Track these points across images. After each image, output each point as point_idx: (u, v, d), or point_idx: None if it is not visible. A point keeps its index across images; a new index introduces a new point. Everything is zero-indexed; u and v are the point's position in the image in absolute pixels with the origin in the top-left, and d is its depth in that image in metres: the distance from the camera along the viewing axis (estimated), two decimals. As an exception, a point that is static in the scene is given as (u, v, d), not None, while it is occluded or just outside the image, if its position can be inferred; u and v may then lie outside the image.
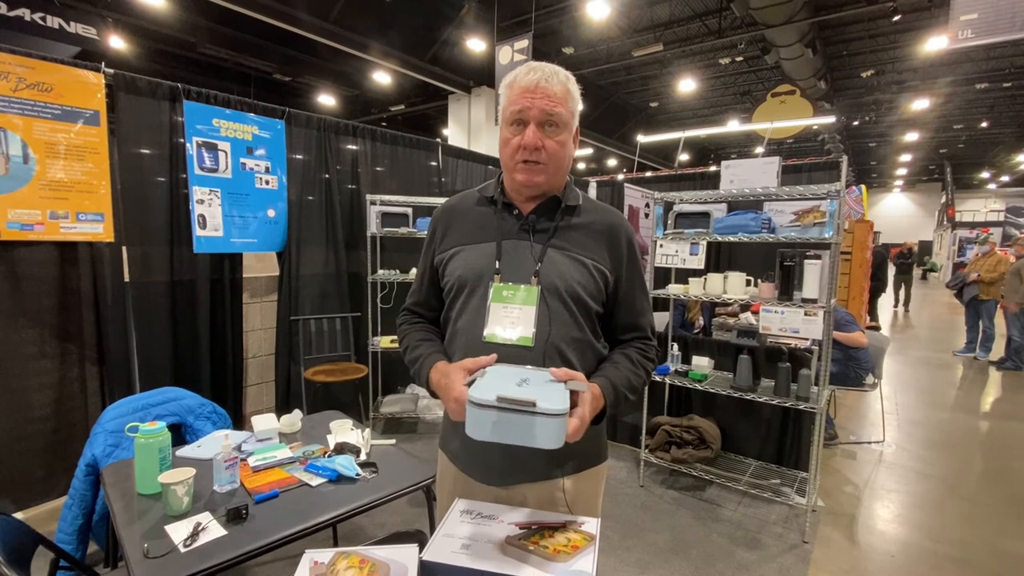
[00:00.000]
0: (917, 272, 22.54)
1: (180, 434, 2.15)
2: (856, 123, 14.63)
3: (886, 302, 11.33)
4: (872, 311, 7.07)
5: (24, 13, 5.44)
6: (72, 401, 2.59)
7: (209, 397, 2.94)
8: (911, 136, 16.16)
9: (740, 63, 10.80)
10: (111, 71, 2.53)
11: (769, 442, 3.00)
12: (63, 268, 2.51)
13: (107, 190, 2.55)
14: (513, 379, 0.83)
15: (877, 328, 6.22)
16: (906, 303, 11.40)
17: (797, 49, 8.54)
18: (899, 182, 27.55)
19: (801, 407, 2.50)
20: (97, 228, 2.53)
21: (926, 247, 24.57)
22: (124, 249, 2.68)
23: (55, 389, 2.53)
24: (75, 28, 5.89)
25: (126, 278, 2.70)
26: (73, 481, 1.96)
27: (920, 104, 12.00)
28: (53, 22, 5.69)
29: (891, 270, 10.72)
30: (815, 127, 12.97)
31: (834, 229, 2.34)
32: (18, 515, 2.43)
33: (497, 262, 0.99)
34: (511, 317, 0.96)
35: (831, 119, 10.97)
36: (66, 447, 2.53)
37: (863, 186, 6.56)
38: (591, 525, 0.91)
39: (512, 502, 0.99)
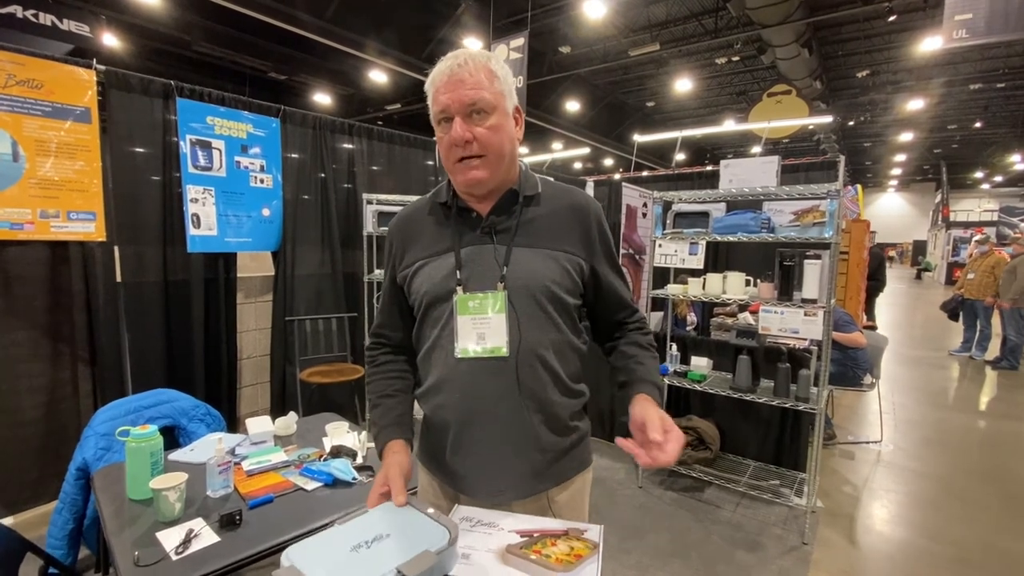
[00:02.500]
0: (910, 272, 22.67)
1: (173, 436, 2.12)
2: (852, 123, 14.70)
3: (883, 301, 11.32)
4: (870, 311, 7.07)
5: (16, 10, 5.36)
6: (64, 403, 2.55)
7: (203, 398, 2.89)
8: (906, 136, 16.23)
9: (736, 63, 10.82)
10: (103, 68, 2.49)
11: (768, 443, 2.99)
12: (54, 268, 2.47)
13: (99, 189, 2.51)
14: (366, 535, 0.78)
15: (874, 328, 6.23)
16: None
17: (793, 49, 8.56)
18: (894, 182, 27.72)
19: (801, 408, 2.49)
20: (89, 227, 2.49)
21: (920, 247, 24.72)
22: (116, 249, 2.64)
23: (46, 391, 2.49)
24: (68, 25, 5.81)
25: (118, 278, 2.65)
26: (63, 485, 1.92)
27: (915, 104, 12.04)
28: (45, 19, 5.61)
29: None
30: (811, 127, 13.01)
31: (834, 229, 2.33)
32: (9, 519, 2.39)
33: (458, 272, 0.94)
34: (481, 328, 0.92)
35: (827, 119, 10.99)
36: (58, 450, 2.48)
37: (859, 186, 6.58)
38: (593, 532, 0.89)
39: None
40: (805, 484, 2.67)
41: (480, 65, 0.88)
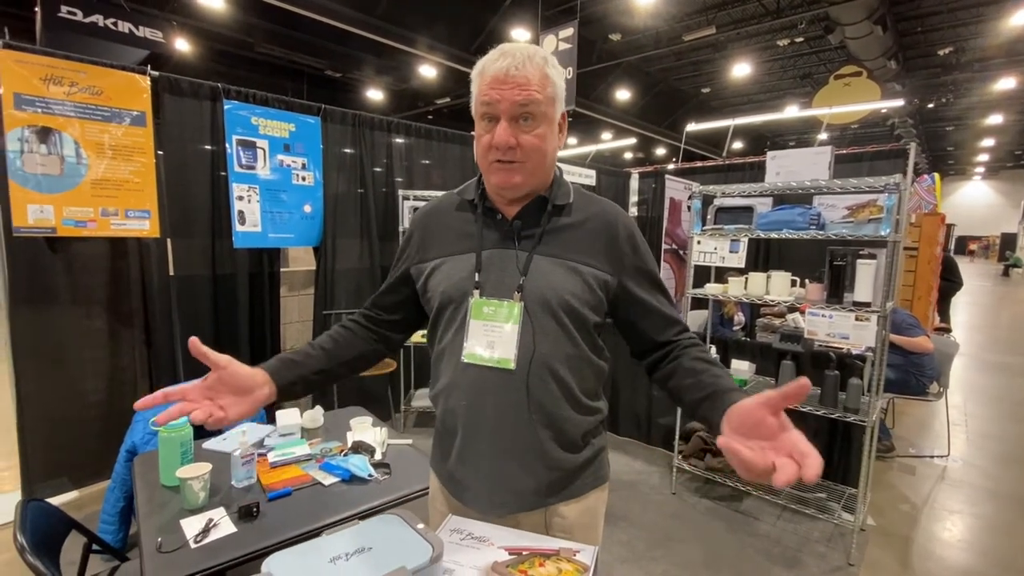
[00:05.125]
0: (996, 268, 20.70)
1: (215, 423, 2.23)
2: (931, 105, 13.47)
3: (962, 300, 10.40)
4: (944, 312, 6.49)
5: (98, 19, 5.79)
6: (123, 387, 2.75)
7: (248, 387, 3.05)
8: (994, 119, 14.78)
9: (800, 44, 10.17)
10: (156, 73, 2.63)
11: (815, 453, 2.80)
12: (114, 262, 2.66)
13: (153, 188, 2.66)
14: (348, 547, 0.76)
15: (947, 331, 5.72)
16: None
17: (865, 27, 7.93)
18: (979, 169, 25.37)
19: (850, 419, 2.32)
20: (144, 224, 2.65)
21: (1009, 240, 22.56)
22: (169, 244, 2.80)
23: (108, 375, 2.70)
24: (144, 32, 6.21)
25: (171, 271, 2.82)
26: (115, 466, 2.08)
27: (1006, 83, 10.91)
28: (124, 27, 6.01)
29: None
30: (883, 111, 12.08)
31: (891, 226, 2.13)
32: (74, 493, 2.61)
33: (477, 275, 0.91)
34: (492, 336, 0.89)
35: (900, 102, 10.11)
36: (118, 430, 2.66)
37: (936, 174, 6.04)
38: (586, 555, 0.85)
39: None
40: (855, 499, 2.49)
41: (537, 68, 0.84)
